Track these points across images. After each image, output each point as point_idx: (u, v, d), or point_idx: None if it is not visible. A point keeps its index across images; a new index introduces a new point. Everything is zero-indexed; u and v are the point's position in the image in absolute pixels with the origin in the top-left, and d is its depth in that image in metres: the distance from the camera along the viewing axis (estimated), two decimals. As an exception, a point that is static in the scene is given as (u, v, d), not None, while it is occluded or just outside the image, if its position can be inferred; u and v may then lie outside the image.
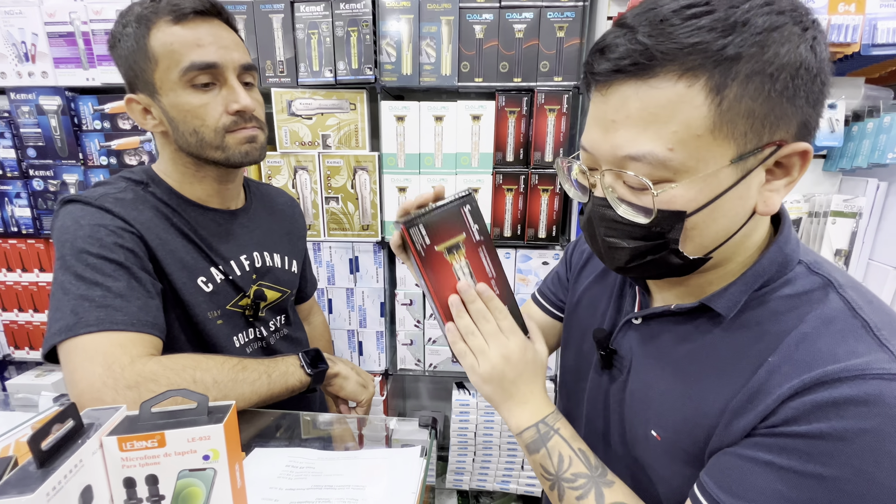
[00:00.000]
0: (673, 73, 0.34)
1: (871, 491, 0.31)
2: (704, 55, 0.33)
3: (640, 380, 0.49)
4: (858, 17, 0.96)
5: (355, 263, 1.39)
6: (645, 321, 0.50)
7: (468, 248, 0.50)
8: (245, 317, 0.74)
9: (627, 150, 0.37)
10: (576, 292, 0.64)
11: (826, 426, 0.33)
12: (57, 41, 1.27)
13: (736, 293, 0.42)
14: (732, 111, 0.34)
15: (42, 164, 1.34)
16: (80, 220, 0.60)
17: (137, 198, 0.65)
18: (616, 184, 0.40)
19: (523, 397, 0.50)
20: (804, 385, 0.34)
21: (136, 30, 0.60)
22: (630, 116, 0.36)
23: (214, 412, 0.42)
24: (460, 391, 1.48)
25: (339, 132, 1.30)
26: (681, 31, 0.34)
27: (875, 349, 0.34)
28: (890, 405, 0.32)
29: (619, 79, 0.36)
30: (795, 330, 0.38)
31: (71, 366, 0.54)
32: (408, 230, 0.47)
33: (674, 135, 0.35)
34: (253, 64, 0.67)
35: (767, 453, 0.35)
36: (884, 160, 1.03)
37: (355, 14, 1.21)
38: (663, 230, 0.39)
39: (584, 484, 0.45)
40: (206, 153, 0.65)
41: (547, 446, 0.48)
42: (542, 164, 1.27)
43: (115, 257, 0.59)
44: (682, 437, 0.43)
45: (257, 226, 0.79)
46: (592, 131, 0.40)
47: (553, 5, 1.19)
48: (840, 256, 1.14)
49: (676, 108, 0.34)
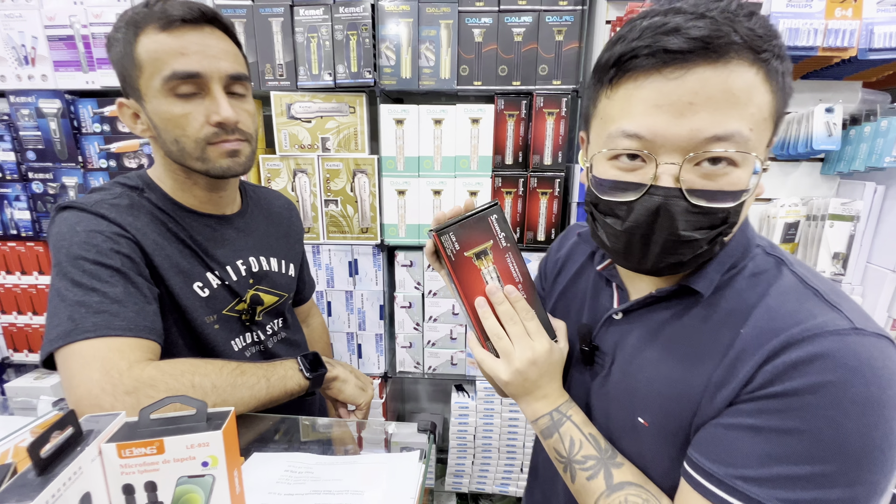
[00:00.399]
0: (747, 59, 0.36)
1: (842, 436, 0.35)
2: (768, 49, 0.37)
3: (623, 371, 0.51)
4: (855, 22, 0.96)
5: (354, 266, 1.39)
6: (625, 315, 0.52)
7: (495, 253, 0.53)
8: (242, 321, 0.74)
9: (714, 130, 0.37)
10: (551, 300, 0.65)
11: (797, 383, 0.36)
12: (57, 44, 1.27)
13: (712, 272, 0.45)
14: (778, 101, 0.39)
15: (41, 166, 1.35)
16: (76, 227, 0.59)
17: (133, 203, 0.65)
18: (689, 170, 0.38)
19: (543, 392, 0.52)
20: (774, 349, 0.38)
21: (125, 35, 0.60)
22: (711, 98, 0.36)
23: (213, 418, 0.42)
24: (459, 394, 1.48)
25: (339, 135, 1.30)
26: (749, 24, 0.36)
27: (827, 310, 0.38)
28: (847, 356, 0.36)
29: (698, 60, 0.36)
30: (761, 303, 0.41)
31: (68, 372, 0.54)
32: (439, 237, 0.51)
33: (752, 116, 0.37)
34: (243, 74, 0.65)
35: (748, 418, 0.38)
36: (881, 164, 1.03)
37: (355, 18, 1.21)
38: (731, 213, 0.40)
39: (594, 465, 0.47)
40: (187, 162, 0.64)
41: (559, 431, 0.50)
42: (540, 167, 1.27)
43: (112, 263, 0.59)
44: (670, 419, 0.45)
45: (253, 230, 0.78)
46: (654, 116, 0.38)
47: (552, 9, 1.19)
48: (838, 260, 1.14)
49: (752, 91, 0.37)
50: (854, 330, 0.37)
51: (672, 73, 0.37)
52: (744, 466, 0.38)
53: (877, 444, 0.35)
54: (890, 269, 1.10)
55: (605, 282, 0.57)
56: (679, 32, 0.36)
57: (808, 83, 1.15)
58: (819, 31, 0.96)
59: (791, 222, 1.16)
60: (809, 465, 0.35)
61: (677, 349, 0.46)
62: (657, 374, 0.47)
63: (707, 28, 0.35)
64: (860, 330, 0.37)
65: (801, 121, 1.11)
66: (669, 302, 0.48)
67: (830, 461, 0.35)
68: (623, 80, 0.40)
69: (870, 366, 0.35)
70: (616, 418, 0.51)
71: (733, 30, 0.35)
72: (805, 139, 1.10)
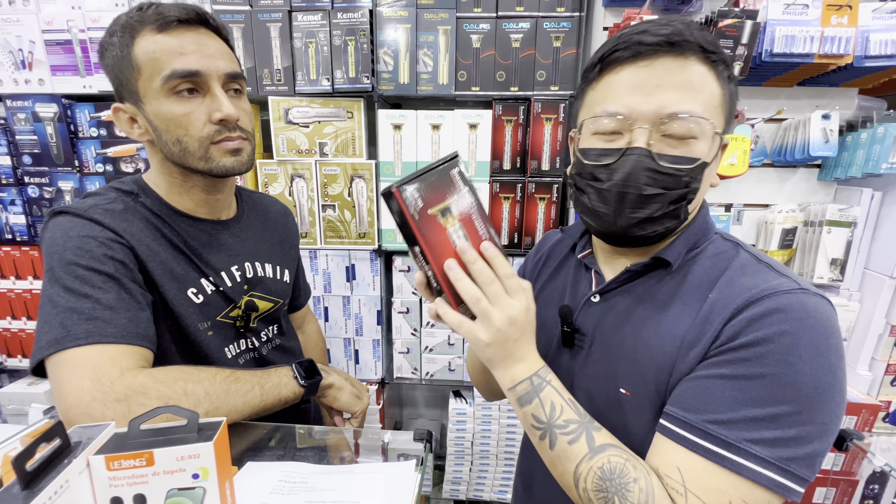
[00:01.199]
0: (701, 59, 0.46)
1: (799, 378, 0.41)
2: (718, 54, 0.47)
3: (603, 349, 0.55)
4: (851, 30, 0.97)
5: (352, 271, 1.38)
6: (602, 297, 0.57)
7: (460, 210, 0.49)
8: (236, 328, 0.73)
9: (675, 107, 0.46)
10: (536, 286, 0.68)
11: (759, 334, 0.42)
12: (54, 49, 1.27)
13: (679, 246, 0.52)
14: (726, 97, 0.48)
15: (37, 171, 1.34)
16: (70, 232, 0.59)
17: (127, 208, 0.64)
18: (656, 138, 0.47)
19: (521, 355, 0.51)
20: (737, 307, 0.44)
21: (121, 38, 0.60)
22: (674, 83, 0.46)
23: (205, 429, 0.41)
24: (457, 400, 1.47)
25: (337, 140, 1.30)
26: (701, 34, 0.46)
27: (778, 276, 0.46)
28: (798, 310, 0.42)
29: (662, 53, 0.46)
30: (723, 275, 0.49)
31: (59, 380, 0.53)
32: (401, 193, 0.45)
33: (704, 101, 0.46)
34: (240, 73, 0.65)
35: (717, 368, 0.44)
36: (878, 170, 1.03)
37: (353, 23, 1.21)
38: (691, 179, 0.48)
39: (576, 429, 0.48)
40: (189, 163, 0.64)
41: (540, 396, 0.50)
42: (538, 172, 1.27)
43: (105, 269, 0.58)
44: (649, 385, 0.49)
45: (249, 236, 0.78)
46: (629, 97, 0.47)
47: (549, 15, 1.20)
48: (836, 266, 1.14)
49: (705, 83, 0.46)
50: (801, 290, 0.44)
51: (643, 63, 0.47)
52: (714, 411, 0.43)
53: (826, 386, 0.41)
54: (888, 274, 1.10)
55: (585, 269, 0.61)
56: (648, 32, 0.46)
57: (805, 90, 1.15)
58: (815, 38, 0.97)
59: (789, 228, 1.16)
60: (771, 407, 0.41)
61: (651, 320, 0.51)
62: (635, 346, 0.51)
63: (669, 30, 0.46)
64: (805, 290, 0.44)
65: (797, 127, 1.12)
66: (642, 277, 0.54)
67: (788, 402, 0.41)
68: (605, 72, 0.50)
69: (816, 318, 0.42)
70: (599, 394, 0.55)
71: (690, 34, 0.46)
72: (802, 145, 1.10)
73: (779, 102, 1.16)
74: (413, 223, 0.46)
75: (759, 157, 1.17)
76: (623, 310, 0.54)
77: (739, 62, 0.98)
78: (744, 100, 1.14)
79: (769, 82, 1.12)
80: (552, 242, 0.71)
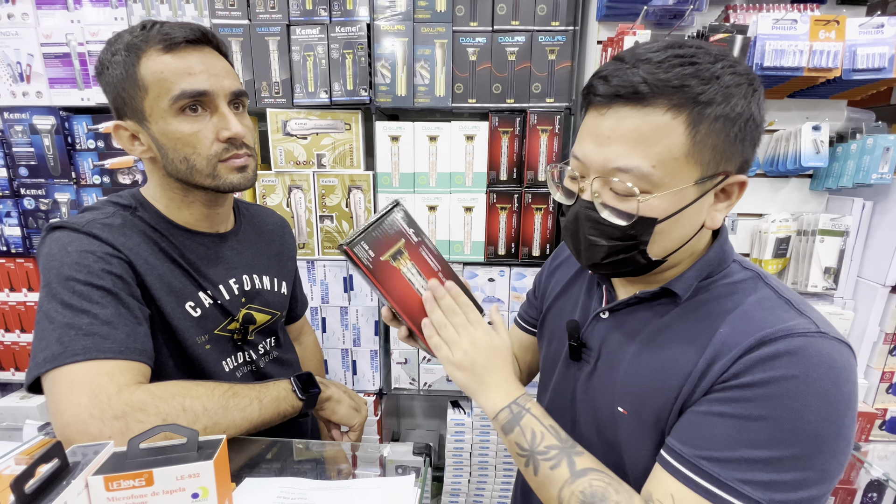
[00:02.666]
0: (662, 105, 0.42)
1: (801, 425, 0.39)
2: (688, 96, 0.41)
3: (607, 365, 0.55)
4: (839, 44, 0.99)
5: (349, 282, 1.38)
6: (612, 314, 0.57)
7: (410, 250, 0.55)
8: (234, 341, 0.73)
9: (619, 162, 0.43)
10: (546, 302, 0.70)
11: (766, 375, 0.41)
12: (52, 62, 1.28)
13: (690, 278, 0.51)
14: (702, 143, 0.43)
15: (34, 182, 1.34)
16: (68, 247, 0.59)
17: (125, 223, 0.64)
18: (603, 190, 0.47)
19: (496, 382, 0.54)
20: (749, 346, 0.43)
21: (125, 58, 0.60)
22: (623, 135, 0.43)
23: (204, 447, 0.41)
24: (455, 410, 1.46)
25: (334, 152, 1.30)
26: (671, 74, 0.41)
27: (797, 316, 0.44)
28: (811, 355, 0.40)
29: (617, 102, 0.43)
30: (738, 308, 0.47)
31: (55, 396, 0.53)
32: (352, 249, 0.51)
33: (657, 155, 0.43)
34: (244, 90, 0.67)
35: (719, 405, 0.43)
36: (868, 180, 1.05)
37: (350, 37, 1.23)
38: (637, 233, 0.46)
39: (557, 454, 0.49)
40: (196, 180, 0.65)
41: (520, 424, 0.51)
42: (535, 183, 1.29)
43: (103, 284, 0.58)
44: (646, 407, 0.49)
45: (246, 248, 0.78)
46: (586, 143, 0.47)
47: (544, 29, 1.22)
48: (829, 274, 1.15)
49: (662, 133, 0.42)
50: (819, 333, 0.42)
51: (600, 111, 0.45)
52: (709, 448, 0.42)
53: (830, 434, 0.39)
54: (880, 283, 1.11)
55: (597, 284, 0.62)
56: (607, 80, 0.44)
57: (795, 102, 1.17)
58: (804, 52, 0.99)
59: (782, 237, 1.18)
60: (769, 450, 0.40)
61: (656, 344, 0.51)
62: (637, 367, 0.51)
63: (624, 79, 0.42)
64: (824, 333, 0.42)
65: (789, 138, 1.14)
66: (652, 303, 0.53)
67: (788, 447, 0.39)
68: (587, 109, 0.49)
69: (829, 364, 0.40)
70: (599, 409, 0.55)
71: (656, 79, 0.41)
72: (794, 156, 1.12)
73: (770, 114, 1.18)
74: (369, 273, 0.53)
75: (753, 168, 1.19)
76: (630, 330, 0.54)
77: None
78: (736, 111, 1.16)
79: (760, 94, 1.15)
80: (567, 254, 0.72)
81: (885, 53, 0.99)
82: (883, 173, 1.04)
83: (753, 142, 0.46)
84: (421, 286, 0.57)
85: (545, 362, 0.69)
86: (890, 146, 1.03)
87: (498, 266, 1.36)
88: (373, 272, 0.53)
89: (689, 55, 0.42)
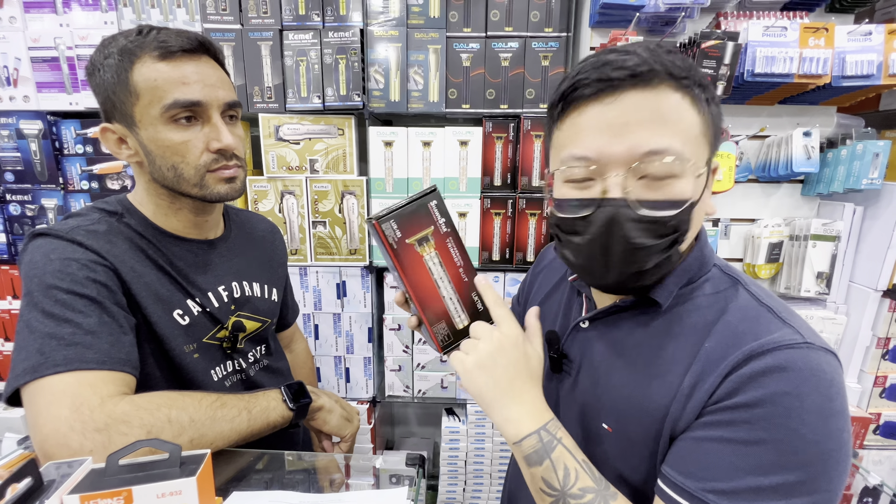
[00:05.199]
0: (671, 87, 0.42)
1: (803, 445, 0.38)
2: (690, 79, 0.42)
3: (589, 377, 0.53)
4: (828, 51, 1.00)
5: (342, 288, 1.37)
6: (592, 324, 0.54)
7: (437, 239, 0.53)
8: (223, 349, 0.71)
9: (650, 145, 0.41)
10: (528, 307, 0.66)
11: (759, 393, 0.39)
12: (41, 66, 1.26)
13: (670, 285, 0.48)
14: (707, 122, 0.43)
15: (20, 188, 1.31)
16: (50, 255, 0.57)
17: (111, 229, 0.63)
18: (633, 184, 0.42)
19: (519, 393, 0.46)
20: (736, 362, 0.41)
21: (118, 62, 0.59)
22: (644, 118, 0.41)
23: (187, 462, 0.39)
24: (450, 418, 1.44)
25: (327, 157, 1.29)
26: (670, 59, 0.42)
27: (781, 326, 0.42)
28: (801, 368, 0.39)
29: (627, 87, 0.41)
30: (721, 319, 0.45)
31: (35, 409, 0.51)
32: (380, 225, 0.49)
33: (683, 133, 0.42)
34: (238, 101, 0.66)
35: (716, 429, 0.40)
36: (859, 185, 1.06)
37: (344, 42, 1.22)
38: (679, 222, 0.43)
39: (593, 499, 0.43)
40: (183, 188, 0.64)
41: (551, 458, 0.45)
42: (529, 188, 1.28)
43: (87, 292, 0.56)
44: (632, 424, 0.47)
45: (236, 255, 0.77)
46: (596, 139, 0.42)
47: (537, 35, 1.22)
48: (822, 279, 1.16)
49: (680, 112, 0.42)
50: (806, 344, 0.40)
51: (607, 99, 0.42)
52: (714, 479, 0.39)
53: (831, 452, 0.38)
54: (872, 287, 1.12)
55: (577, 293, 0.60)
56: (610, 65, 0.42)
57: (786, 108, 1.18)
58: (794, 59, 1.00)
59: (775, 242, 1.18)
60: (774, 476, 0.38)
61: (640, 358, 0.48)
62: (621, 381, 0.49)
63: (633, 60, 0.41)
64: (811, 344, 0.40)
65: (780, 144, 1.14)
66: (633, 311, 0.51)
67: (794, 470, 0.38)
68: (569, 110, 0.45)
69: (820, 377, 0.39)
70: (583, 424, 0.52)
71: (656, 61, 0.41)
72: (785, 161, 1.13)
73: (761, 120, 1.19)
74: (392, 252, 0.51)
75: (745, 173, 1.20)
76: (611, 341, 0.52)
77: (723, 82, 1.01)
78: (728, 118, 1.17)
79: (752, 101, 1.15)
80: (550, 258, 0.70)
81: (874, 60, 1.00)
82: (873, 178, 1.05)
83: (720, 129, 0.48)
84: (440, 277, 0.53)
85: None
86: (879, 152, 1.04)
87: (492, 272, 1.35)
88: (396, 252, 0.51)
89: (667, 46, 0.44)
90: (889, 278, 1.09)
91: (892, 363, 1.15)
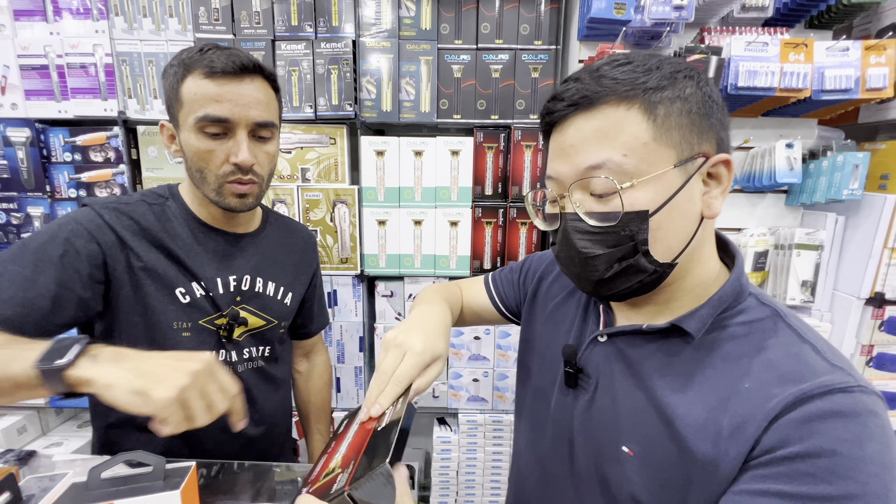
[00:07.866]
0: (612, 102, 0.43)
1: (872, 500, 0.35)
2: (634, 86, 0.43)
3: (608, 396, 0.51)
4: (808, 66, 1.03)
5: (333, 297, 1.36)
6: (610, 339, 0.53)
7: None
8: (219, 336, 0.74)
9: (589, 161, 0.44)
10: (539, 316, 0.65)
11: (816, 442, 0.36)
12: (29, 73, 1.25)
13: (705, 315, 0.46)
14: (665, 124, 0.43)
15: (6, 196, 1.29)
16: (78, 217, 0.66)
17: (141, 210, 0.71)
18: (584, 198, 0.46)
19: None
20: (785, 405, 0.38)
21: (176, 72, 0.67)
22: (586, 139, 0.44)
23: (171, 476, 0.39)
24: (441, 427, 1.44)
25: (319, 166, 1.30)
26: (613, 74, 0.43)
27: (829, 369, 0.40)
28: (858, 414, 0.37)
29: (571, 113, 0.45)
30: (760, 355, 0.43)
31: None
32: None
33: (624, 144, 0.43)
34: (270, 121, 0.70)
35: (776, 483, 0.37)
36: (840, 196, 1.09)
37: (336, 53, 1.23)
38: (632, 231, 0.44)
39: None
40: (204, 190, 0.71)
41: None
42: (520, 197, 1.30)
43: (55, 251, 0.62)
44: (656, 450, 0.45)
45: (260, 252, 0.80)
46: (555, 162, 0.48)
47: (527, 48, 1.24)
48: (806, 287, 1.18)
49: (621, 125, 0.43)
50: (858, 388, 0.38)
51: (560, 127, 0.46)
52: None
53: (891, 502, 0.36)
54: (854, 295, 1.14)
55: (594, 303, 0.58)
56: (557, 97, 0.46)
57: (769, 120, 1.22)
58: (776, 73, 1.03)
59: (761, 251, 1.20)
60: None
61: (666, 383, 0.46)
62: (643, 405, 0.47)
63: (571, 91, 0.44)
64: (863, 388, 0.39)
65: (764, 155, 1.17)
66: (660, 334, 0.49)
67: None
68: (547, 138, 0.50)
69: (876, 424, 0.37)
70: (599, 444, 0.50)
71: (596, 84, 0.43)
72: (769, 172, 1.15)
73: (745, 132, 1.22)
74: None
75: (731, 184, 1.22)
76: (634, 360, 0.50)
77: (707, 95, 1.03)
78: (713, 129, 1.19)
79: (736, 113, 1.18)
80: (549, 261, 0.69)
81: (851, 75, 1.03)
82: (853, 189, 1.08)
83: (721, 121, 0.46)
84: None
85: (535, 382, 0.63)
86: (859, 163, 1.07)
87: (484, 280, 1.36)
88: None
89: (623, 58, 0.45)
90: (871, 286, 1.11)
91: (876, 370, 1.17)
